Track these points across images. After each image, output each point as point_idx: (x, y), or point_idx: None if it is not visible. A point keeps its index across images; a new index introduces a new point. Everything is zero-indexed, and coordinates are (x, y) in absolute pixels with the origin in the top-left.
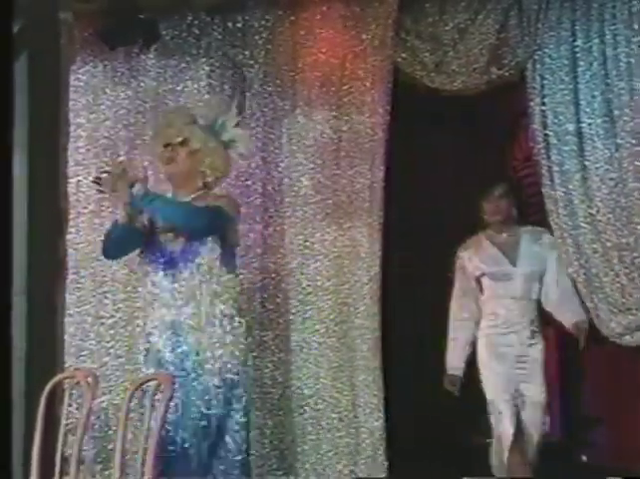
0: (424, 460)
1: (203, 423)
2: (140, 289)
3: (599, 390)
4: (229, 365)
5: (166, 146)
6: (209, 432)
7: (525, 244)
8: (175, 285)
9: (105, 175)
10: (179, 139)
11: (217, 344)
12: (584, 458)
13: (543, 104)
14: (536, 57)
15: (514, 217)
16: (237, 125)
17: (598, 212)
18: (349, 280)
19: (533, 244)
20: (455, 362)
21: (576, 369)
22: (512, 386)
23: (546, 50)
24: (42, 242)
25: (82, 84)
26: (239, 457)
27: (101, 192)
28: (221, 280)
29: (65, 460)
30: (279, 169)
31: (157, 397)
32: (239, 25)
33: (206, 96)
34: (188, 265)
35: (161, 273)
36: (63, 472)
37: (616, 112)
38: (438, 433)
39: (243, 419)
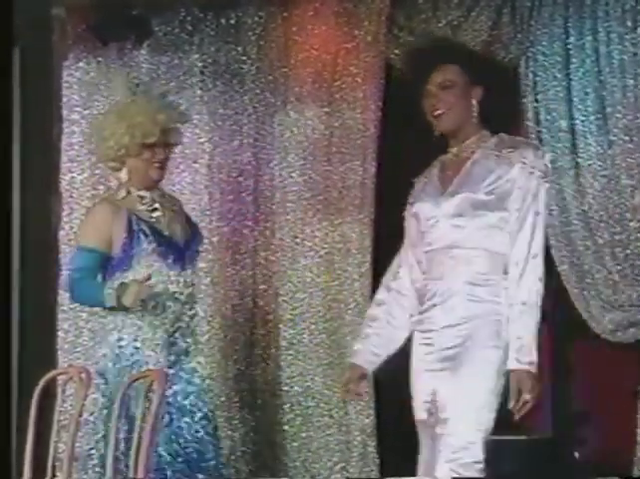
0: (415, 457)
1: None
2: None
3: (591, 387)
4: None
5: (150, 146)
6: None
7: (478, 162)
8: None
9: None
10: (163, 139)
11: None
12: (576, 455)
13: (536, 101)
14: (529, 54)
15: (474, 121)
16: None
17: (591, 208)
18: (339, 277)
19: (493, 164)
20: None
21: (567, 366)
22: (429, 390)
23: (539, 47)
24: (35, 239)
25: (75, 80)
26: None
27: None
28: None
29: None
30: (270, 165)
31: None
32: (232, 21)
33: (199, 92)
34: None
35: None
36: (56, 469)
37: (609, 109)
38: None
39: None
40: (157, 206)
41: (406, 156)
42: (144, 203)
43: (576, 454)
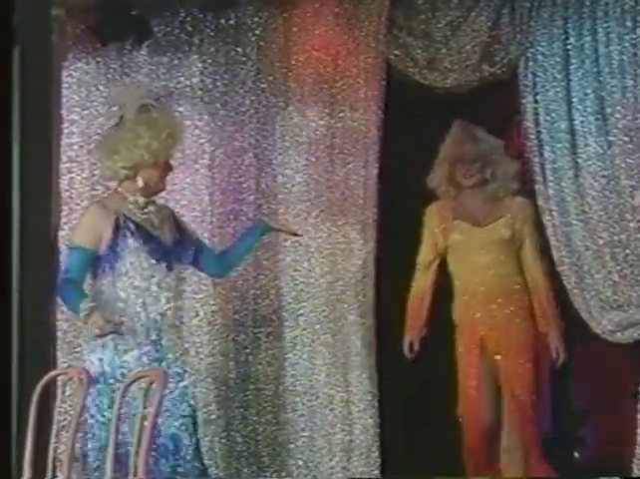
0: (417, 457)
1: None
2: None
3: (590, 387)
4: None
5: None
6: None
7: None
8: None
9: None
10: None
11: None
12: (576, 455)
13: (536, 101)
14: (529, 54)
15: None
16: None
17: (590, 209)
18: (343, 277)
19: None
20: None
21: (567, 366)
22: None
23: (539, 47)
24: (34, 239)
25: (74, 80)
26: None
27: None
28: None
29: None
30: (272, 166)
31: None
32: (232, 22)
33: (199, 92)
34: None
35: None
36: (56, 469)
37: (608, 109)
38: (431, 430)
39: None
40: (149, 208)
41: (407, 156)
42: (137, 206)
43: (576, 454)
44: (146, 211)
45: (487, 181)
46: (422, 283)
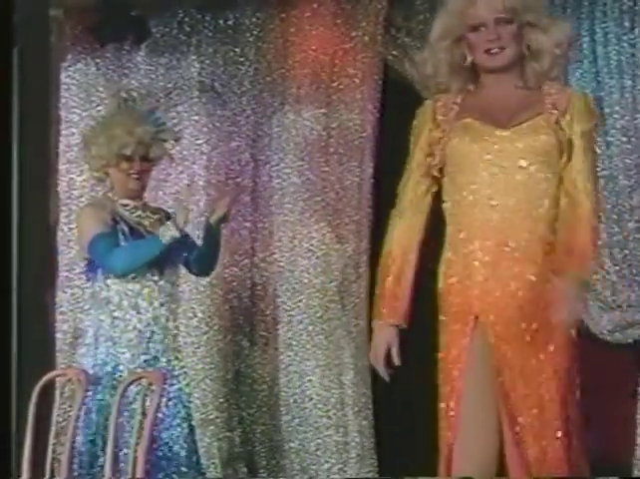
0: (413, 458)
1: None
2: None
3: (589, 388)
4: None
5: (128, 158)
6: None
7: None
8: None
9: None
10: (142, 152)
11: None
12: None
13: None
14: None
15: None
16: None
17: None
18: (337, 278)
19: None
20: None
21: None
22: None
23: None
24: (33, 240)
25: (73, 81)
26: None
27: None
28: None
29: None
30: (268, 166)
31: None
32: (230, 22)
33: (196, 93)
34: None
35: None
36: (54, 471)
37: (607, 109)
38: (426, 431)
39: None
40: (139, 212)
41: (403, 157)
42: (126, 209)
43: None
44: (136, 213)
45: (524, 57)
46: (405, 234)
